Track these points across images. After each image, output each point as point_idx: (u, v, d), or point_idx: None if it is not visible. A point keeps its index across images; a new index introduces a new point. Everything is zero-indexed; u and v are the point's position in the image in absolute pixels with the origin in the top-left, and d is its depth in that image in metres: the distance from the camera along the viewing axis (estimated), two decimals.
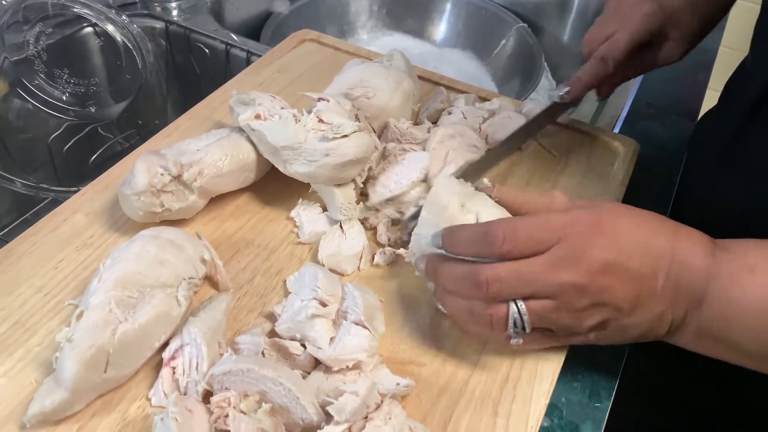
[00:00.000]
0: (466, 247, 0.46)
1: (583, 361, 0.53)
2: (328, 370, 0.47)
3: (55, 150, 0.83)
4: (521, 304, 0.44)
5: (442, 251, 0.47)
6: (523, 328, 0.45)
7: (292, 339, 0.49)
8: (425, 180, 0.60)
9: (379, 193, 0.59)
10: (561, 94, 0.66)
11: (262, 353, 0.47)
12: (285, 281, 0.55)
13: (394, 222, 0.60)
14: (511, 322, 0.44)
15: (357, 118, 0.62)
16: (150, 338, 0.46)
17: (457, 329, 0.52)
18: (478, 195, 0.50)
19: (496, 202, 0.50)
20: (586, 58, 0.66)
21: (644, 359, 0.61)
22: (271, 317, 0.52)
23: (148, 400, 0.46)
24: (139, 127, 0.91)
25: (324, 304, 0.50)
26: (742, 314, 0.43)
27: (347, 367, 0.46)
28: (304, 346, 0.48)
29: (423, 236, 0.50)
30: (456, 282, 0.46)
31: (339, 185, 0.59)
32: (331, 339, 0.48)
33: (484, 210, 0.48)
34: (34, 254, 0.55)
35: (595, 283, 0.43)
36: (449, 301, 0.48)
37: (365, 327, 0.48)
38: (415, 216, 0.53)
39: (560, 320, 0.45)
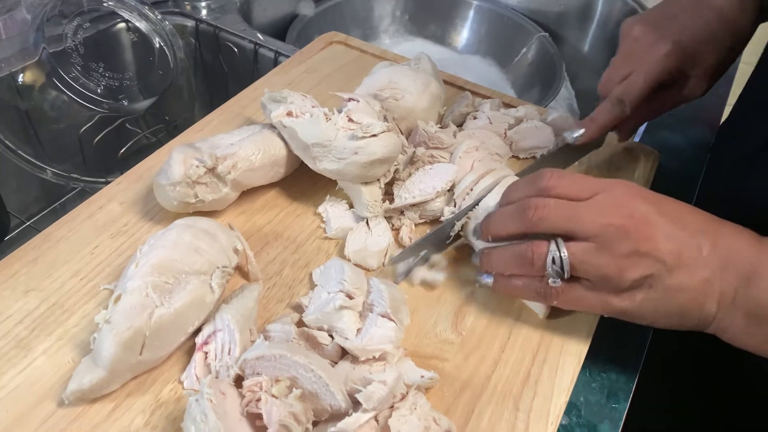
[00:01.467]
0: (519, 190, 0.51)
1: (601, 362, 0.55)
2: (354, 360, 0.48)
3: (86, 141, 0.84)
4: (561, 242, 0.46)
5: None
6: (562, 269, 0.46)
7: (320, 329, 0.50)
8: (450, 190, 0.62)
9: (403, 197, 0.61)
10: (575, 136, 0.63)
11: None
12: (311, 274, 0.56)
13: (417, 224, 0.62)
14: (549, 259, 0.47)
15: (385, 119, 0.64)
16: (184, 323, 0.48)
17: (482, 324, 0.53)
18: None
19: None
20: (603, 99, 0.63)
21: (664, 359, 0.61)
22: (298, 308, 0.53)
23: (180, 383, 0.48)
24: (166, 122, 0.93)
25: (351, 297, 0.51)
26: None
27: (374, 357, 0.48)
28: (331, 336, 0.49)
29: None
30: (506, 218, 0.50)
31: (366, 183, 0.61)
32: (358, 330, 0.49)
33: None
34: (71, 240, 0.56)
35: (637, 229, 0.44)
36: (495, 255, 0.51)
37: (391, 319, 0.49)
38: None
39: (600, 267, 0.45)
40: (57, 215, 0.60)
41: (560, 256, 0.46)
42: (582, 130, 0.62)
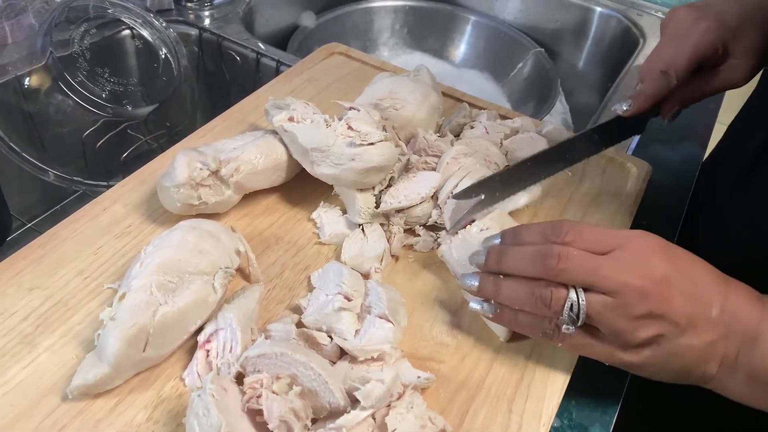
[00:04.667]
0: (533, 235, 0.49)
1: (593, 366, 0.56)
2: (353, 360, 0.49)
3: (88, 145, 0.86)
4: (581, 291, 0.46)
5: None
6: (578, 317, 0.46)
7: (319, 330, 0.51)
8: (435, 197, 0.63)
9: (388, 202, 0.62)
10: (624, 107, 0.63)
11: None
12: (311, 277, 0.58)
13: (407, 231, 0.63)
14: (567, 305, 0.46)
15: (384, 129, 0.65)
16: (187, 322, 0.49)
17: (478, 327, 0.55)
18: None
19: None
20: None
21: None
22: (297, 310, 0.55)
23: (182, 380, 0.49)
24: (167, 128, 0.95)
25: (349, 299, 0.52)
26: None
27: (372, 357, 0.49)
28: (330, 337, 0.51)
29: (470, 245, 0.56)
30: (523, 260, 0.48)
31: (361, 190, 0.62)
32: (356, 331, 0.51)
33: None
34: (75, 239, 0.57)
35: (656, 292, 0.44)
36: (506, 287, 0.49)
37: (389, 320, 0.51)
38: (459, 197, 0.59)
39: (615, 322, 0.45)
40: (57, 218, 0.61)
41: (579, 305, 0.46)
42: (630, 102, 0.62)
